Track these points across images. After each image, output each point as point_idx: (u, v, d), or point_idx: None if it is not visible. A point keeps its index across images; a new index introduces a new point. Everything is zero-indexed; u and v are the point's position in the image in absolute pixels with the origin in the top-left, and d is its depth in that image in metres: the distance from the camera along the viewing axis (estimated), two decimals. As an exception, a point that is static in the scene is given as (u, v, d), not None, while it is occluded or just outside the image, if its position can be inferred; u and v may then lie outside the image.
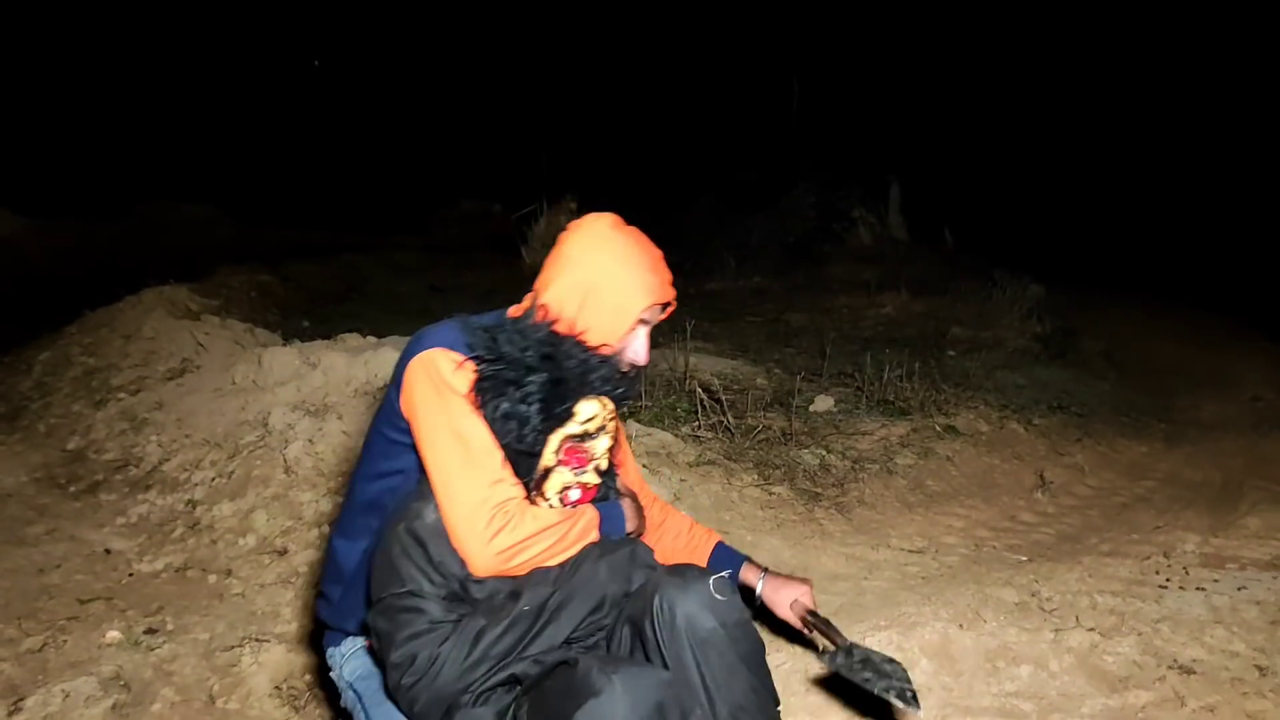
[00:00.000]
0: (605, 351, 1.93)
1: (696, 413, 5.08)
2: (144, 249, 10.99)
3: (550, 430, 1.82)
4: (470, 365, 1.86)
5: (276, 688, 2.94)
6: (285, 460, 4.11)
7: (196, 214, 13.25)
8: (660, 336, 6.71)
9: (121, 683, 2.86)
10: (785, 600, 2.34)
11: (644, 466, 4.22)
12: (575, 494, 1.88)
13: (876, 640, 2.82)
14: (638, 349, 2.02)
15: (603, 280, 1.93)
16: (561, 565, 1.87)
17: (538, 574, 1.84)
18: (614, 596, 1.87)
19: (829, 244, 11.95)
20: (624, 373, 1.99)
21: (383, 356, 4.66)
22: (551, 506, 1.87)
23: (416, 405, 1.89)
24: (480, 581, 1.83)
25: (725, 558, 2.41)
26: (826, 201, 12.46)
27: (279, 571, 3.56)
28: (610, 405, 1.89)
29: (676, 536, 2.40)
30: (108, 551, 3.79)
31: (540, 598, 1.81)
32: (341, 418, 4.30)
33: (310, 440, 4.19)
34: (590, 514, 1.92)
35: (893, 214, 12.33)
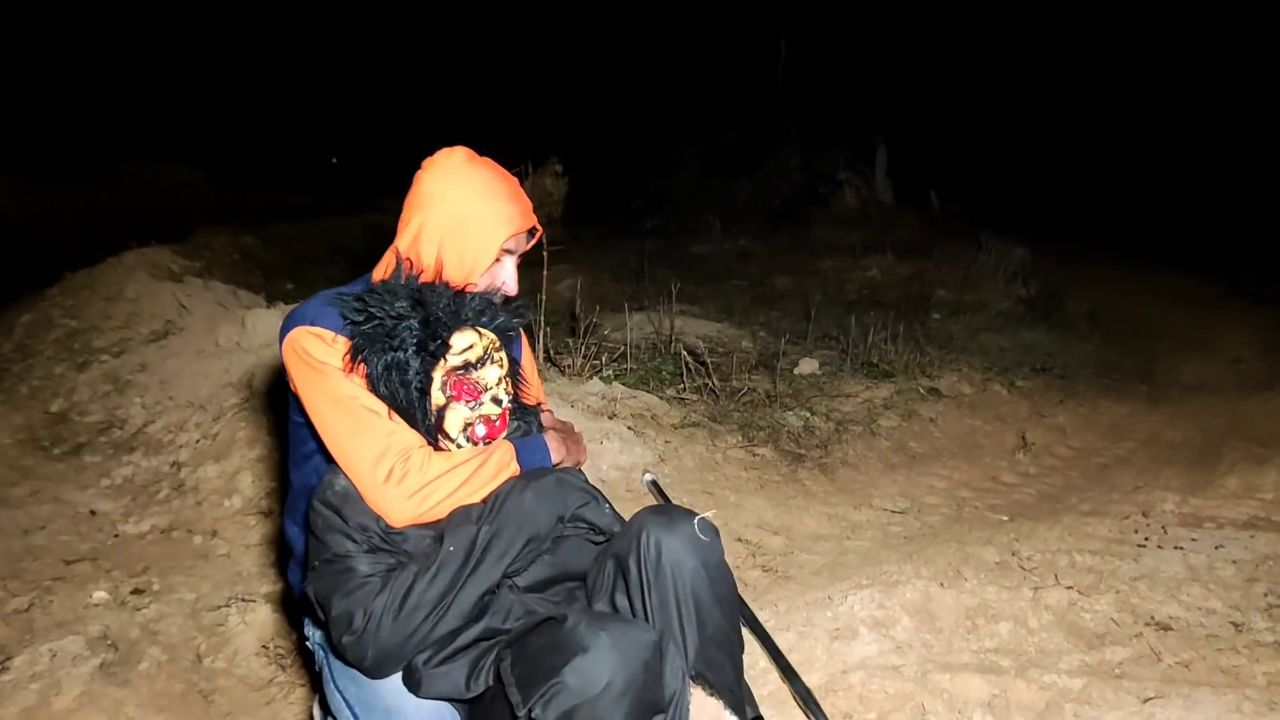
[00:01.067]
0: (471, 288, 1.93)
1: (681, 375, 5.09)
2: (125, 210, 10.89)
3: (430, 368, 1.82)
4: (340, 339, 1.86)
5: (264, 647, 2.96)
6: (269, 422, 4.10)
7: (177, 175, 13.12)
8: (645, 299, 6.72)
9: (109, 642, 2.87)
10: None
11: (629, 429, 4.23)
12: (481, 429, 1.88)
13: (859, 598, 2.85)
14: (505, 279, 2.02)
15: (460, 216, 1.93)
16: (484, 502, 1.87)
17: (459, 514, 1.84)
18: (547, 523, 1.88)
19: (814, 207, 11.94)
20: (496, 303, 1.98)
21: (367, 318, 4.64)
22: (460, 447, 1.87)
23: (298, 386, 1.90)
24: (402, 533, 1.83)
25: None
26: (812, 164, 12.42)
27: (264, 532, 3.57)
28: (491, 335, 1.88)
29: None
30: (93, 513, 3.80)
31: (467, 536, 1.81)
32: (326, 379, 4.29)
33: (295, 402, 4.18)
34: (504, 447, 1.92)
35: (879, 177, 12.32)
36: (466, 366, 1.84)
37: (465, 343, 1.83)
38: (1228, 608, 2.87)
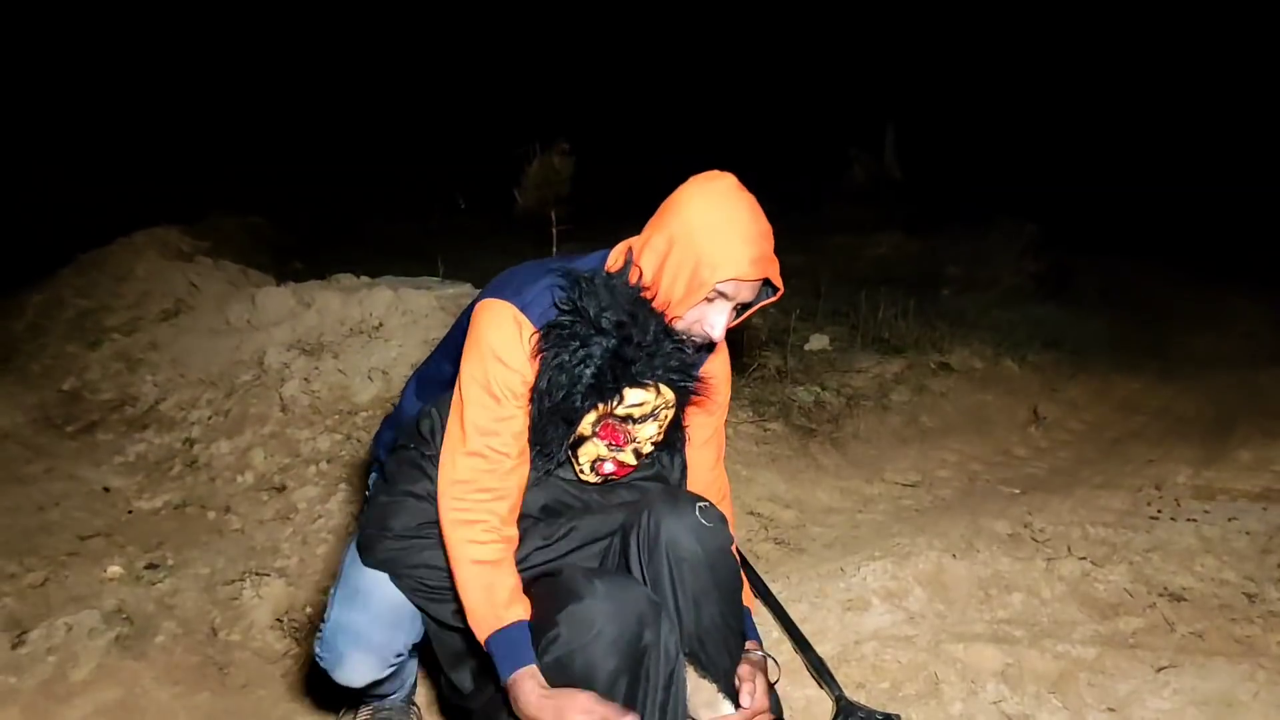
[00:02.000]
0: (675, 320, 1.82)
1: (692, 352, 5.07)
2: (135, 191, 10.88)
3: (594, 401, 1.78)
4: (533, 333, 1.79)
5: (278, 620, 2.97)
6: (281, 398, 4.12)
7: (186, 156, 13.08)
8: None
9: (124, 616, 2.89)
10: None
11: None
12: (609, 466, 1.87)
13: (871, 569, 2.85)
14: (712, 323, 1.82)
15: (691, 239, 1.77)
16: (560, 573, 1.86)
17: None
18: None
19: (825, 184, 11.88)
20: (691, 363, 1.88)
21: (376, 296, 4.64)
22: (583, 472, 1.87)
23: (468, 343, 1.85)
24: None
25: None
26: (822, 141, 12.36)
27: (277, 508, 3.58)
28: (668, 394, 1.84)
29: None
30: (106, 490, 3.82)
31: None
32: (337, 356, 4.30)
33: (306, 379, 4.20)
34: (489, 612, 1.76)
35: (888, 154, 12.25)
36: (627, 418, 1.82)
37: (637, 399, 1.81)
38: (1241, 578, 2.87)
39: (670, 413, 1.87)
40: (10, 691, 2.52)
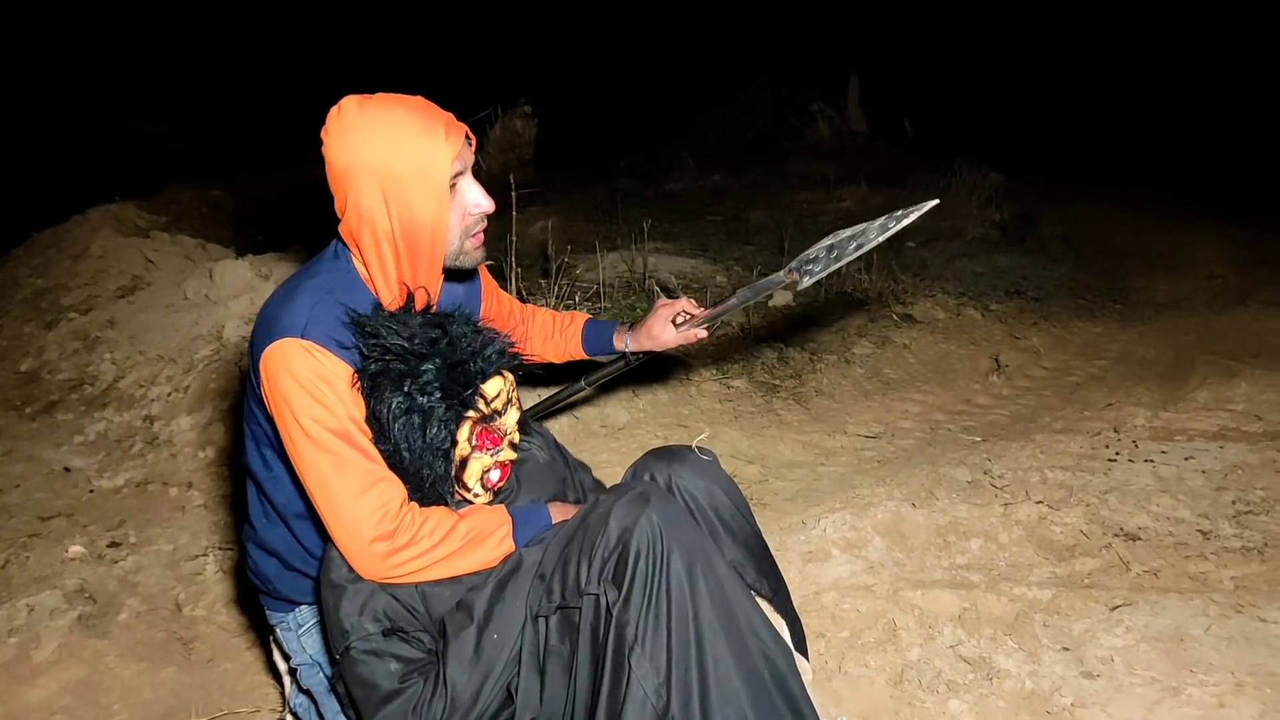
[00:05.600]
0: (444, 231, 1.74)
1: (655, 311, 5.06)
2: (91, 166, 10.71)
3: (459, 418, 1.69)
4: (332, 356, 1.64)
5: (242, 593, 2.97)
6: (242, 372, 4.08)
7: (146, 130, 12.88)
8: (619, 238, 6.68)
9: (86, 595, 2.88)
10: (658, 334, 2.30)
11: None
12: (495, 475, 1.79)
13: (831, 521, 2.88)
14: (475, 201, 1.78)
15: (388, 176, 1.66)
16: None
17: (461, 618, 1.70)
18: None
19: (788, 140, 11.81)
20: (507, 343, 1.79)
21: (336, 266, 4.60)
22: (475, 495, 1.77)
23: (278, 407, 1.67)
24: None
25: (594, 330, 2.38)
26: (784, 96, 12.29)
27: (240, 482, 3.56)
28: (511, 377, 1.79)
29: (547, 335, 2.40)
30: (67, 470, 3.79)
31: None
32: (296, 328, 4.26)
33: (266, 352, 4.16)
34: (502, 531, 1.75)
35: (852, 107, 12.18)
36: (492, 415, 1.75)
37: (495, 390, 1.73)
38: (1196, 516, 2.91)
39: (519, 396, 1.83)
40: (-28, 675, 2.51)
